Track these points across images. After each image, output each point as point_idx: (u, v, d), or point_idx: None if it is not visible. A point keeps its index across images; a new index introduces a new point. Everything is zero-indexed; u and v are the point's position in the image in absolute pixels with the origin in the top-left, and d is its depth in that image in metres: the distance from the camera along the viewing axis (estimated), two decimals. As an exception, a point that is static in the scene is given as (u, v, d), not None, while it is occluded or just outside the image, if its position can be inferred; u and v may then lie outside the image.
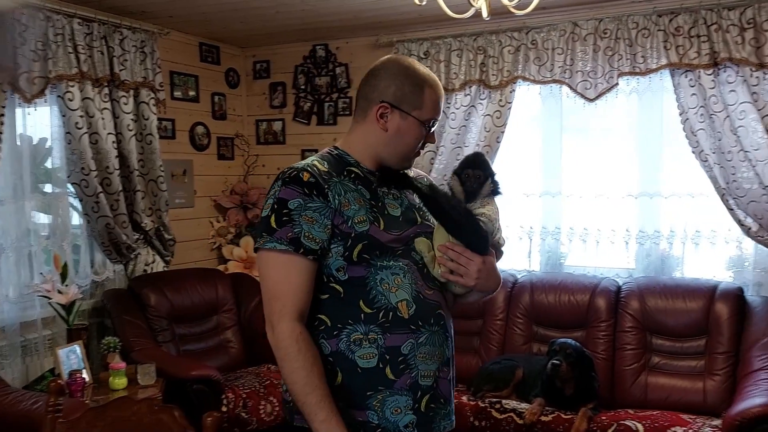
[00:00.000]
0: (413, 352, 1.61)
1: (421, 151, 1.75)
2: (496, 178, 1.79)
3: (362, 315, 1.59)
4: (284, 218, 1.57)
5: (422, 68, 1.71)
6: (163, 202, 4.21)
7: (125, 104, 3.98)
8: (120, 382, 3.39)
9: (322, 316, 1.61)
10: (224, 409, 3.54)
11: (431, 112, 1.69)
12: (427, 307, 1.65)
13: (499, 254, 1.82)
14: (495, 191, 1.79)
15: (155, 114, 4.15)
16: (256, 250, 1.64)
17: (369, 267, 1.60)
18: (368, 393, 1.59)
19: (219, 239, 4.83)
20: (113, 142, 3.91)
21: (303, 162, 1.66)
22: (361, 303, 1.59)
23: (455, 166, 1.86)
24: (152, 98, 4.13)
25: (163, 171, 4.20)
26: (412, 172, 1.81)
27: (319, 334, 1.61)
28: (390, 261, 1.62)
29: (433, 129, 1.73)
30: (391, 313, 1.60)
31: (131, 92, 4.02)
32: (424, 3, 2.77)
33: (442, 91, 1.75)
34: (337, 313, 1.61)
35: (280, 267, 1.57)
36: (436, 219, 1.70)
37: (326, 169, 1.63)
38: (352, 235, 1.59)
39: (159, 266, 4.27)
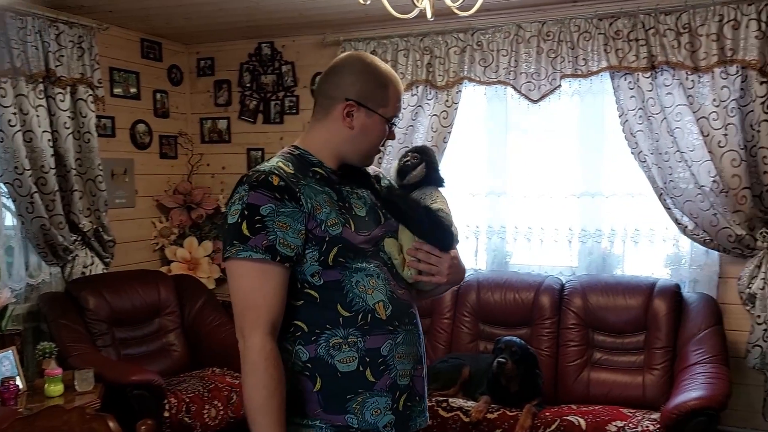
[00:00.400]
0: (392, 353, 1.61)
1: (382, 149, 1.76)
2: (437, 168, 1.79)
3: (340, 319, 1.57)
4: (257, 225, 1.51)
5: (385, 65, 1.70)
6: (102, 202, 4.09)
7: (62, 101, 3.85)
8: (56, 389, 3.27)
9: (298, 323, 1.58)
10: (166, 414, 3.46)
11: (395, 109, 1.68)
12: (402, 306, 1.65)
13: (455, 243, 1.81)
14: (436, 182, 1.78)
15: (93, 111, 4.03)
16: (225, 258, 1.56)
17: (344, 270, 1.58)
18: (348, 397, 1.58)
19: (162, 240, 4.72)
20: (49, 140, 3.78)
21: (268, 164, 1.60)
22: (338, 307, 1.57)
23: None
24: (90, 95, 4.01)
25: (101, 170, 4.08)
26: (370, 170, 1.79)
27: (296, 341, 1.58)
28: (363, 263, 1.60)
29: (394, 126, 1.73)
30: (369, 315, 1.59)
31: (68, 89, 3.89)
32: (368, 2, 2.76)
33: (402, 88, 1.75)
34: (314, 319, 1.58)
35: (254, 276, 1.52)
36: (399, 221, 1.69)
37: (292, 171, 1.59)
38: (327, 239, 1.56)
39: (98, 268, 4.14)
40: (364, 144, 1.67)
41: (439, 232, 1.68)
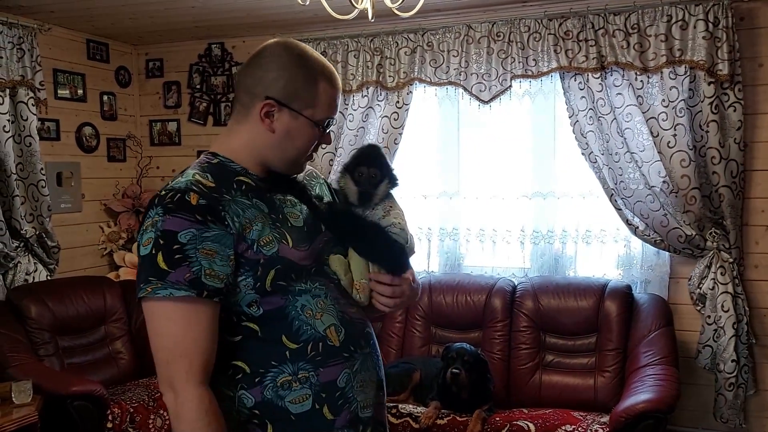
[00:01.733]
0: (350, 383, 1.42)
1: (314, 153, 1.52)
2: (394, 174, 1.58)
3: (287, 352, 1.37)
4: (176, 255, 1.27)
5: (316, 57, 1.44)
6: (45, 207, 3.97)
7: (0, 104, 3.73)
8: (-9, 401, 3.17)
9: (239, 363, 1.37)
10: (109, 425, 3.37)
11: (326, 110, 1.43)
12: (356, 328, 1.46)
13: (411, 254, 1.63)
14: (393, 187, 1.59)
15: (35, 114, 3.91)
16: (140, 299, 1.32)
17: (286, 294, 1.37)
18: None
19: (110, 245, 4.61)
20: (-13, 144, 3.67)
21: (183, 179, 1.35)
22: (283, 338, 1.37)
23: (345, 162, 1.62)
24: (31, 98, 3.89)
25: (44, 174, 3.96)
26: (302, 174, 1.59)
27: (237, 384, 1.37)
28: (307, 283, 1.40)
29: (329, 129, 1.49)
30: (320, 344, 1.39)
31: (7, 91, 3.78)
32: (307, 3, 2.70)
33: (339, 85, 1.49)
34: (256, 357, 1.37)
35: (179, 319, 1.29)
36: (346, 243, 1.49)
37: (213, 184, 1.35)
38: (261, 261, 1.34)
39: (42, 275, 4.02)
40: (290, 151, 1.44)
41: (392, 256, 1.49)
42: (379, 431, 1.51)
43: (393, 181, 1.57)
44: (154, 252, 1.29)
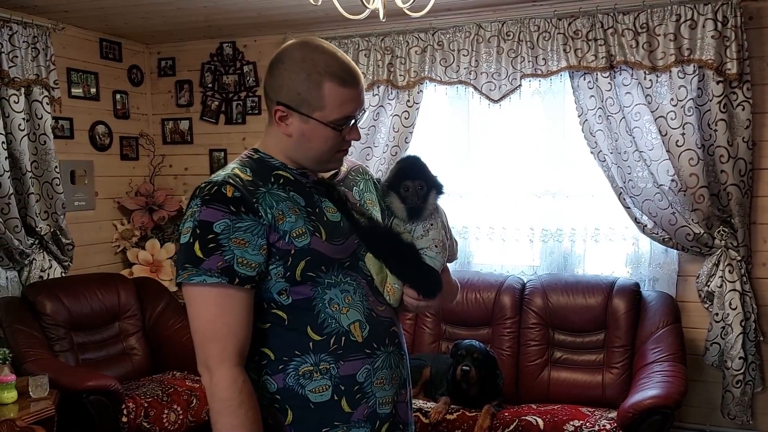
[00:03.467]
0: (369, 379, 1.45)
1: (348, 149, 1.52)
2: (438, 181, 1.55)
3: (311, 343, 1.41)
4: (210, 244, 1.34)
5: (325, 56, 1.43)
6: (59, 205, 4.03)
7: (16, 103, 3.78)
8: (9, 395, 3.21)
9: (265, 350, 1.43)
10: (124, 420, 3.42)
11: (338, 110, 1.42)
12: (381, 326, 1.48)
13: (453, 260, 1.66)
14: (439, 195, 1.57)
15: (49, 113, 3.96)
16: (178, 284, 1.40)
17: (315, 286, 1.41)
18: (323, 430, 1.43)
19: (123, 242, 4.66)
20: (2, 142, 3.72)
21: (222, 173, 1.42)
22: (308, 330, 1.41)
23: (387, 178, 1.58)
24: (46, 96, 3.94)
25: (59, 172, 4.01)
26: (344, 167, 1.61)
27: (262, 370, 1.43)
28: (338, 276, 1.44)
29: (351, 125, 1.47)
30: (343, 338, 1.43)
31: (22, 90, 3.82)
32: (319, 3, 2.73)
33: (356, 81, 1.45)
34: (281, 344, 1.42)
35: (212, 304, 1.36)
36: (379, 257, 1.50)
37: (250, 178, 1.41)
38: (292, 251, 1.39)
39: (57, 272, 4.08)
40: (311, 151, 1.46)
41: (420, 281, 1.50)
42: (399, 429, 1.52)
43: (439, 190, 1.56)
44: (191, 240, 1.36)
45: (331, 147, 1.47)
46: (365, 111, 1.51)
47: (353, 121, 1.47)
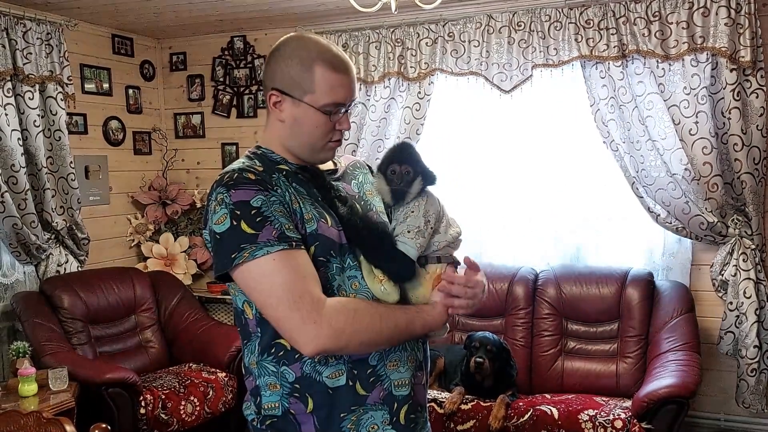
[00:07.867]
0: (382, 362, 1.46)
1: (341, 139, 1.54)
2: (429, 170, 1.56)
3: None
4: (257, 218, 1.35)
5: (318, 44, 1.48)
6: (74, 200, 4.07)
7: (30, 99, 3.82)
8: (29, 388, 3.28)
9: (280, 341, 1.43)
10: (142, 411, 3.47)
11: (328, 94, 1.45)
12: None
13: (456, 246, 1.60)
14: (428, 184, 1.55)
15: (64, 109, 3.99)
16: (236, 266, 1.37)
17: (326, 272, 1.43)
18: (342, 415, 1.44)
19: (137, 236, 4.70)
20: (18, 138, 3.75)
21: (235, 165, 1.47)
22: None
23: (379, 160, 1.60)
24: (60, 93, 3.97)
25: (74, 168, 4.05)
26: (342, 162, 1.63)
27: (281, 361, 1.44)
28: (347, 261, 1.46)
29: (342, 113, 1.49)
30: None
31: (37, 87, 3.86)
32: (331, -4, 2.74)
33: (346, 68, 1.48)
34: None
35: (283, 268, 1.35)
36: (355, 245, 1.50)
37: (261, 169, 1.45)
38: (305, 235, 1.41)
39: (73, 266, 4.12)
40: (303, 136, 1.49)
41: (390, 265, 1.47)
42: (418, 412, 1.53)
43: (427, 178, 1.55)
44: (235, 223, 1.36)
45: (323, 133, 1.49)
46: (357, 104, 1.52)
47: (344, 110, 1.50)
